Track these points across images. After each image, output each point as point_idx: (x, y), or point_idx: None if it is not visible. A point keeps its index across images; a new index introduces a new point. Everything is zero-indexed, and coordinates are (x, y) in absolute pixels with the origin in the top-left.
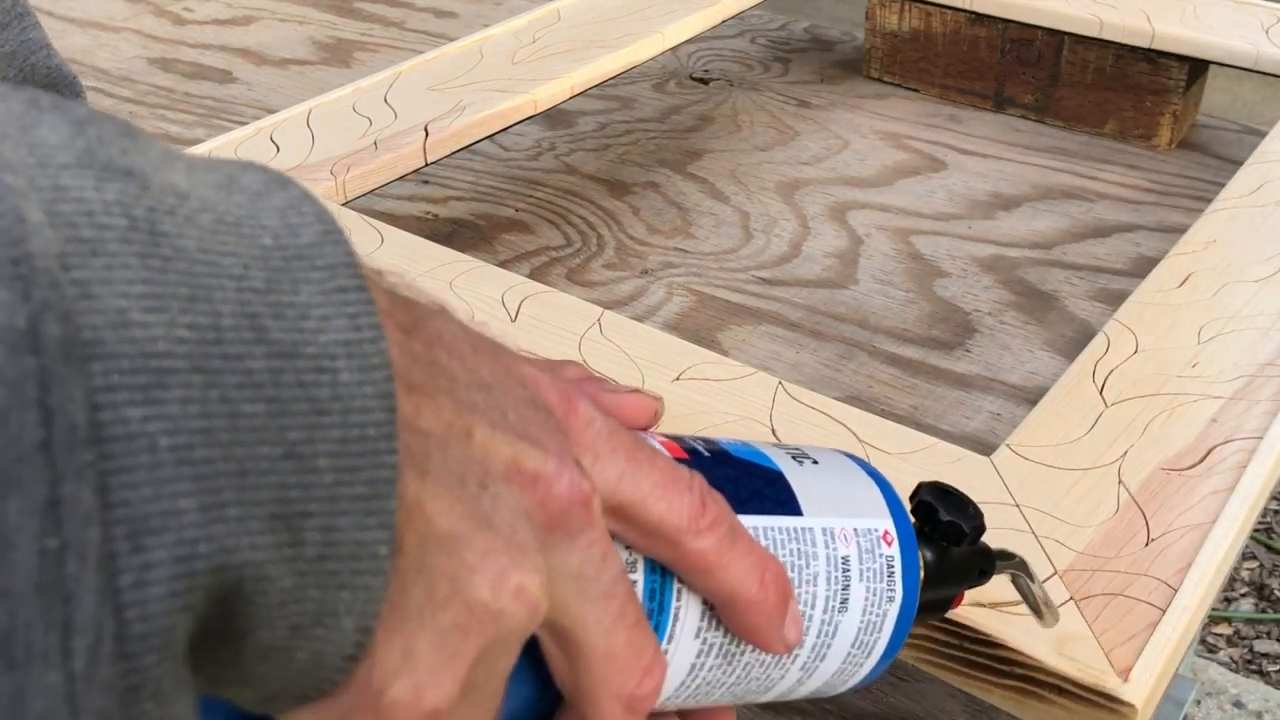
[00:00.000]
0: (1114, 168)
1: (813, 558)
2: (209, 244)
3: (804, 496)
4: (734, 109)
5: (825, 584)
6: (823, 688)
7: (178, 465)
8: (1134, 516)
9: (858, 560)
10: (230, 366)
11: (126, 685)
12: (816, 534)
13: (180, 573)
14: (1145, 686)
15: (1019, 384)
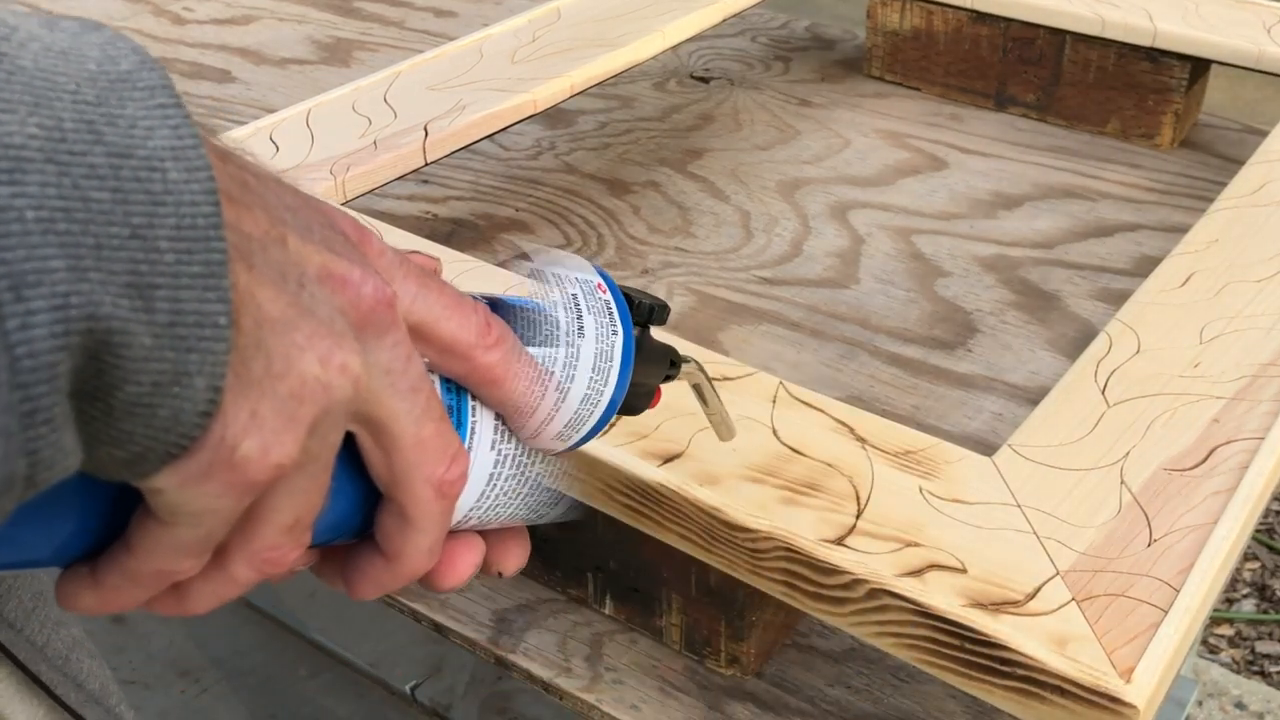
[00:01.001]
0: (1116, 167)
1: (549, 291)
2: (43, 64)
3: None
4: (735, 108)
5: (563, 312)
6: (573, 419)
7: (44, 234)
8: (1136, 517)
9: (583, 298)
10: (76, 160)
11: (23, 410)
12: (549, 275)
13: (57, 319)
14: (1147, 687)
15: (1021, 384)
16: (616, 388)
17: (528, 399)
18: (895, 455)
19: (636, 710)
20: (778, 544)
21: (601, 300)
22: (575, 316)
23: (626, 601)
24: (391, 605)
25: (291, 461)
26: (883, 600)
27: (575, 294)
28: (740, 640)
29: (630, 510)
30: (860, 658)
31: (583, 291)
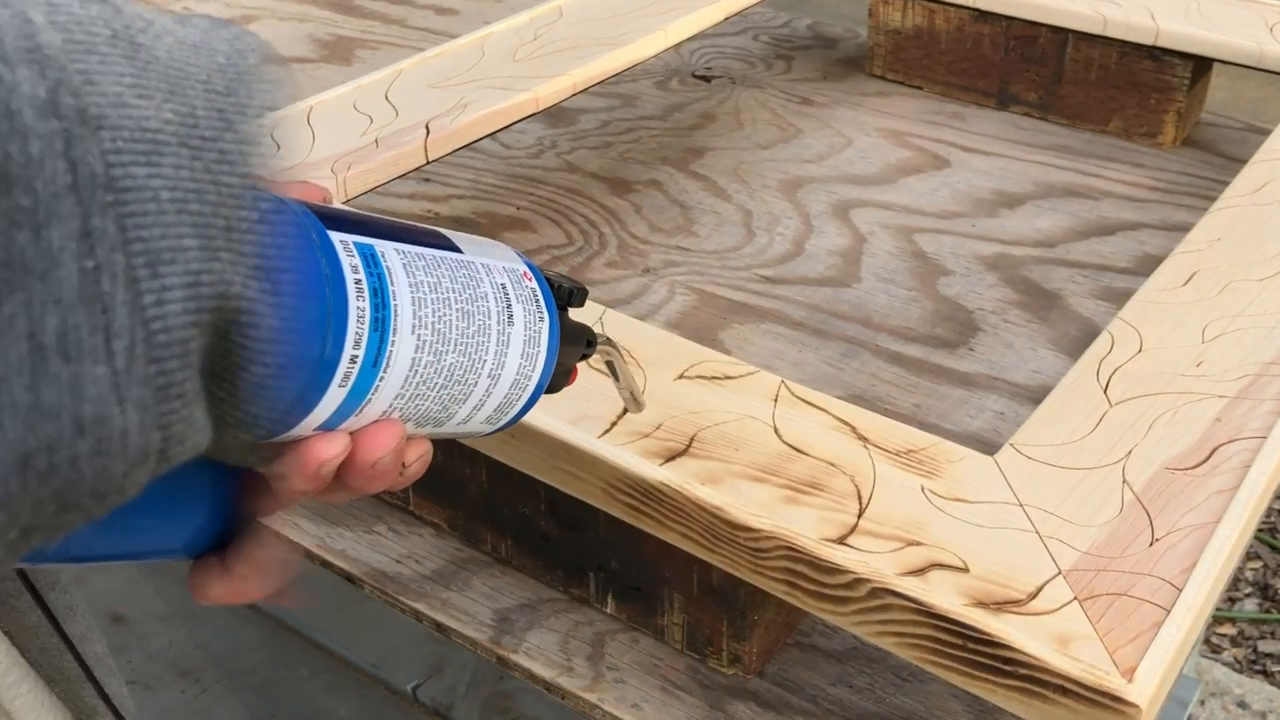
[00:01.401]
0: (1118, 166)
1: (479, 282)
2: (176, 56)
3: (461, 244)
4: (736, 106)
5: (493, 302)
6: (505, 401)
7: (178, 214)
8: (1138, 516)
9: (511, 287)
10: (208, 145)
11: (158, 384)
12: (477, 266)
13: (190, 295)
14: (1149, 687)
15: (1023, 383)
16: (543, 371)
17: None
18: (897, 454)
19: (638, 710)
20: (779, 543)
21: (528, 288)
22: (504, 306)
23: (628, 601)
24: (393, 605)
25: None
26: (885, 599)
27: (504, 284)
28: (742, 639)
29: (632, 509)
30: (862, 657)
31: (510, 281)
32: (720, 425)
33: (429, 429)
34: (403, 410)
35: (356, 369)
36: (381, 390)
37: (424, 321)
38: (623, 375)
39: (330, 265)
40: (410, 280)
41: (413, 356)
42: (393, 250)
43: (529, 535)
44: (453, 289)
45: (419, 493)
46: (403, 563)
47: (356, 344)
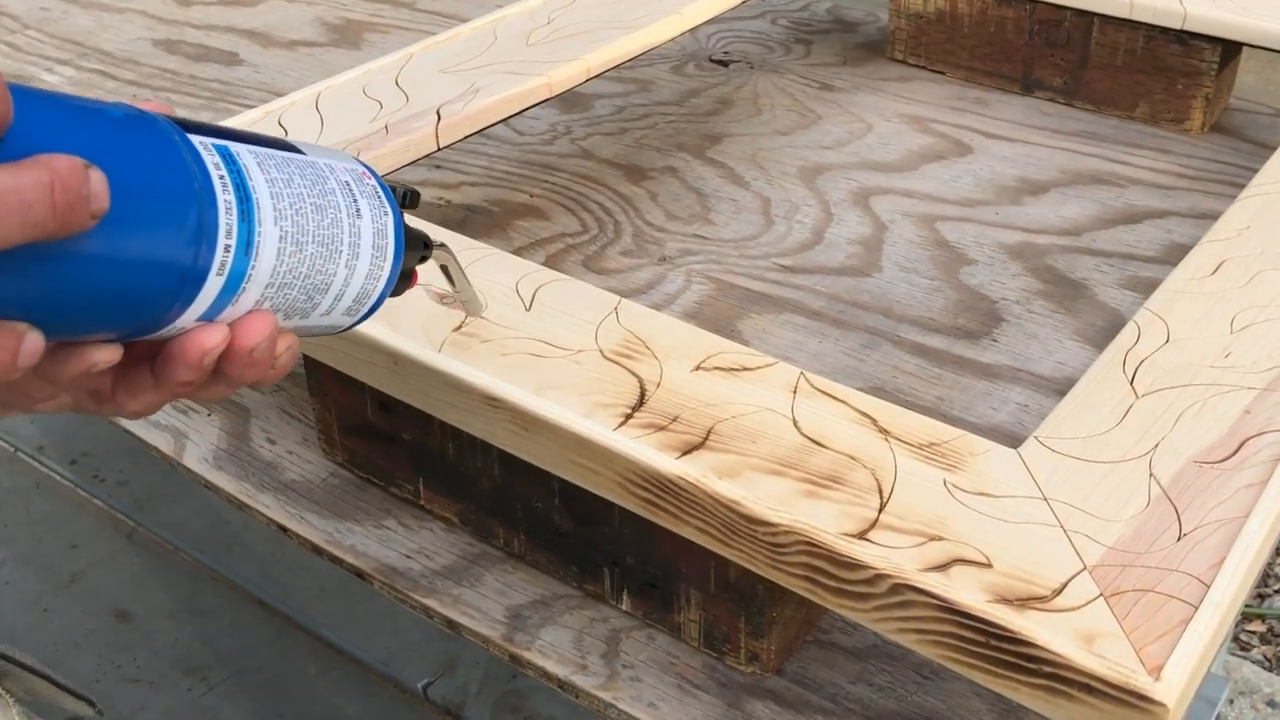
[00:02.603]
0: (1145, 152)
1: (326, 180)
2: None
3: (304, 148)
4: (754, 92)
5: (341, 197)
6: (361, 293)
7: None
8: (1165, 511)
9: (354, 185)
10: None
11: None
12: (321, 165)
13: None
14: (1177, 685)
15: (1047, 374)
16: (394, 261)
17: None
18: (919, 447)
19: (654, 708)
20: (798, 538)
21: (370, 186)
22: (351, 201)
23: (644, 597)
24: (403, 601)
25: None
26: (906, 596)
27: (348, 181)
28: (760, 637)
29: (648, 504)
30: (883, 655)
31: (352, 179)
32: (738, 418)
33: (296, 321)
34: (273, 301)
35: (230, 258)
36: (253, 279)
37: (283, 214)
38: (458, 279)
39: (195, 163)
40: (266, 176)
41: (278, 246)
42: (245, 150)
43: (542, 530)
44: (304, 185)
45: (430, 487)
46: (413, 558)
47: (228, 234)
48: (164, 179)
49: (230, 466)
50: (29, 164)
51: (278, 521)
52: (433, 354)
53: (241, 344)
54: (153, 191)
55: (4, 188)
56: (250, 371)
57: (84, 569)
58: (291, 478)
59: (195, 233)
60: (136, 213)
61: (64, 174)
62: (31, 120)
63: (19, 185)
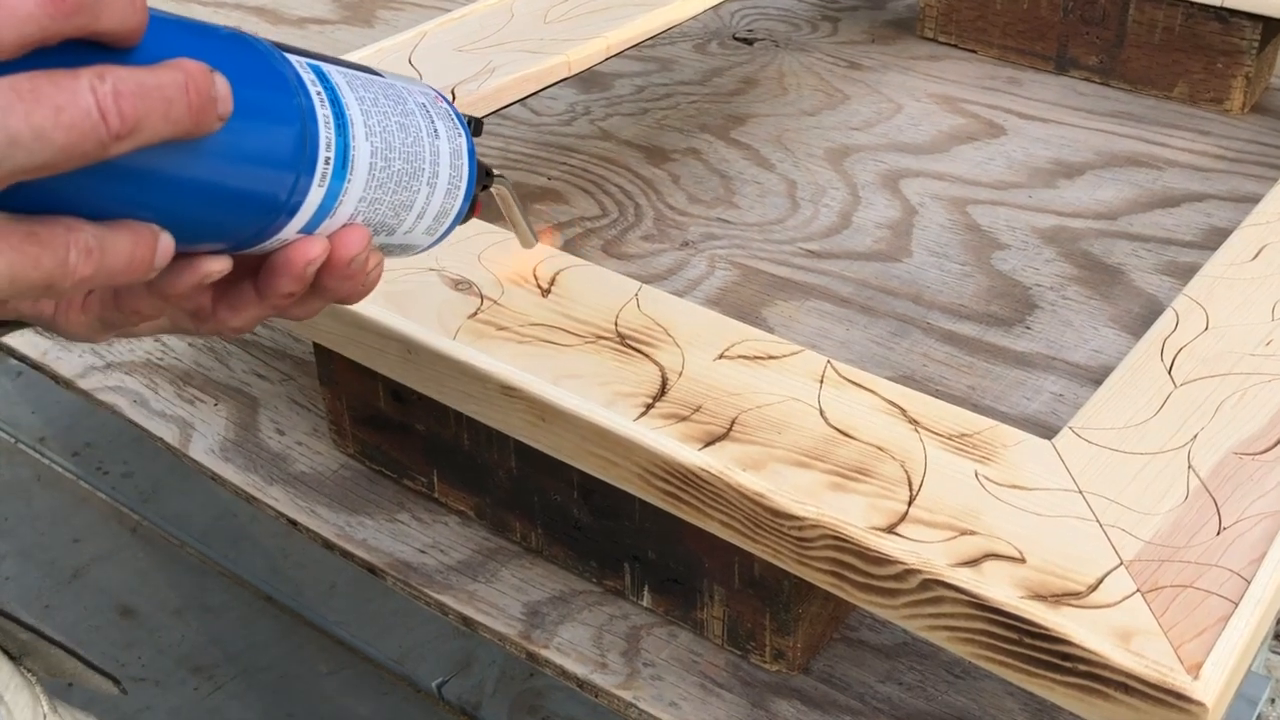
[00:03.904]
0: (1183, 133)
1: (405, 100)
2: None
3: (379, 71)
4: (780, 71)
5: (420, 118)
6: (440, 211)
7: None
8: (1204, 504)
9: (430, 106)
10: None
11: None
12: (399, 87)
13: None
14: (1216, 684)
15: (1083, 363)
16: (469, 180)
17: (408, 192)
18: (950, 438)
19: (676, 708)
20: (825, 532)
21: (443, 109)
22: (429, 120)
23: (665, 593)
24: (417, 598)
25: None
26: (936, 592)
27: (423, 103)
28: (786, 634)
29: (670, 497)
30: (913, 653)
31: (428, 101)
32: (763, 408)
33: (383, 237)
34: (364, 215)
35: (329, 170)
36: (349, 192)
37: (373, 130)
38: (513, 210)
39: (296, 80)
40: (355, 95)
41: (369, 161)
42: (335, 71)
43: (560, 524)
44: (387, 105)
45: (444, 479)
46: (427, 553)
47: (328, 146)
48: (270, 92)
49: (238, 458)
50: (165, 65)
51: (287, 515)
52: (447, 341)
53: (340, 255)
54: (261, 103)
55: (150, 84)
56: (346, 284)
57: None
58: (301, 470)
59: (300, 144)
60: (248, 123)
61: (196, 75)
62: (158, 32)
63: (160, 83)
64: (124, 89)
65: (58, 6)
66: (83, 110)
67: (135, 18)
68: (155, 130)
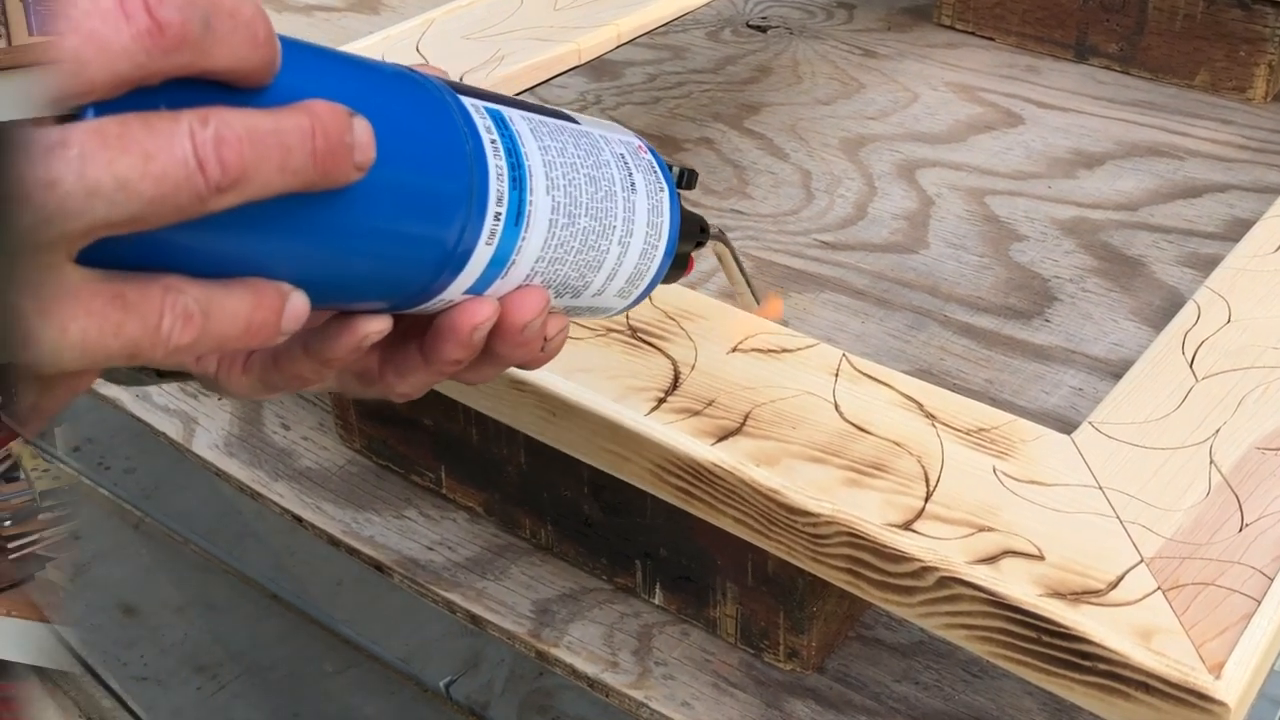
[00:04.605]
0: (1205, 122)
1: (600, 150)
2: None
3: (577, 118)
4: (794, 59)
5: (616, 169)
6: (635, 273)
7: None
8: (1227, 500)
9: (629, 157)
10: None
11: None
12: (596, 136)
13: None
14: (1239, 683)
15: (1102, 356)
16: (669, 241)
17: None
18: (967, 433)
19: (688, 708)
20: (841, 528)
21: (645, 160)
22: (626, 174)
23: (678, 591)
24: (424, 595)
25: None
26: (954, 589)
27: (622, 154)
28: (800, 632)
29: (682, 492)
30: (929, 651)
31: (627, 152)
32: (777, 402)
33: (567, 299)
34: (543, 276)
35: (500, 227)
36: (524, 251)
37: (556, 183)
38: (733, 269)
39: (467, 124)
40: (539, 144)
41: (549, 217)
42: (519, 116)
43: (571, 520)
44: (577, 155)
45: (452, 475)
46: (435, 550)
47: (499, 200)
48: (434, 138)
49: (242, 453)
50: (290, 109)
51: (292, 511)
52: None
53: (513, 320)
54: (421, 150)
55: (264, 130)
56: (520, 351)
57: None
58: (307, 465)
59: (465, 197)
60: (403, 171)
61: (326, 119)
62: (296, 68)
63: (279, 128)
64: (229, 134)
65: (156, 40)
66: (177, 159)
67: (258, 54)
68: (267, 182)
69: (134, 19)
